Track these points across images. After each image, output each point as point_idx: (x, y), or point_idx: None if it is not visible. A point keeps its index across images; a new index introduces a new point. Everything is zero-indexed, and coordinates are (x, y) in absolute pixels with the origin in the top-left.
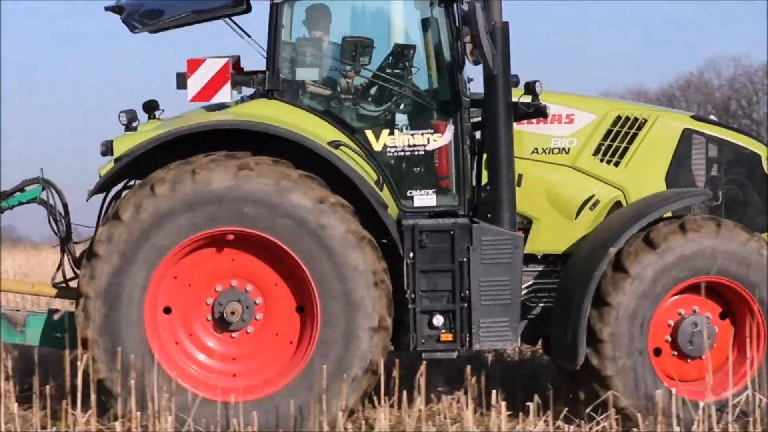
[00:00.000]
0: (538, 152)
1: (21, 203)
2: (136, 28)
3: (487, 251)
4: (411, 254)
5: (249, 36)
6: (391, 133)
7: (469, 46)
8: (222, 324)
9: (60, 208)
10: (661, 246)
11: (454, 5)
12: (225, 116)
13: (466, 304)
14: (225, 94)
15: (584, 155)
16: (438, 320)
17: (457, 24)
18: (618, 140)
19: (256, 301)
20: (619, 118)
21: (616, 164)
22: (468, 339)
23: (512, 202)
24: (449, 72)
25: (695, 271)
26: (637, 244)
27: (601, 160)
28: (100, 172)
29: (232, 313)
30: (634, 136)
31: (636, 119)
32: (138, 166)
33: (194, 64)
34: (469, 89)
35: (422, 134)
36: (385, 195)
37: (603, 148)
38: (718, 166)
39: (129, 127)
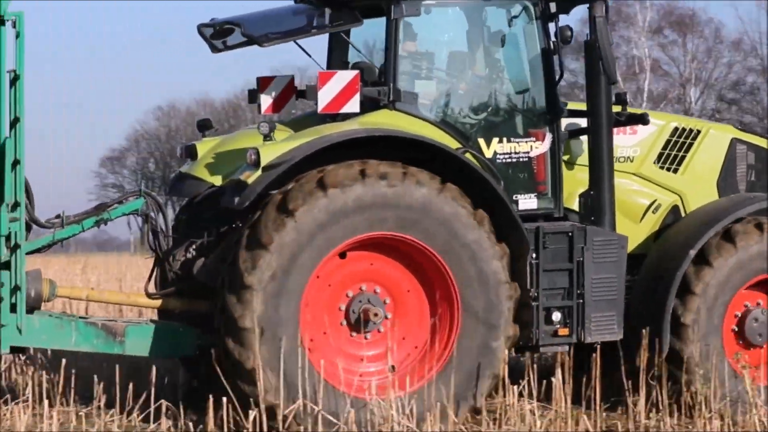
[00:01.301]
0: None
1: (124, 214)
2: (261, 42)
3: (599, 251)
4: (534, 255)
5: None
6: (500, 141)
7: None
8: (355, 325)
9: (161, 220)
10: (740, 243)
11: (552, 21)
12: (352, 125)
13: (581, 301)
14: (354, 104)
15: (647, 163)
16: (556, 316)
17: (555, 38)
18: (676, 149)
19: (386, 300)
20: (676, 128)
21: (675, 171)
22: (581, 333)
23: (613, 205)
24: (547, 84)
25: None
26: (717, 241)
27: (661, 168)
28: (246, 180)
29: (366, 315)
30: (690, 145)
31: (691, 130)
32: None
33: (326, 77)
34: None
35: (526, 142)
36: None
37: (663, 156)
38: (755, 172)
39: (268, 137)
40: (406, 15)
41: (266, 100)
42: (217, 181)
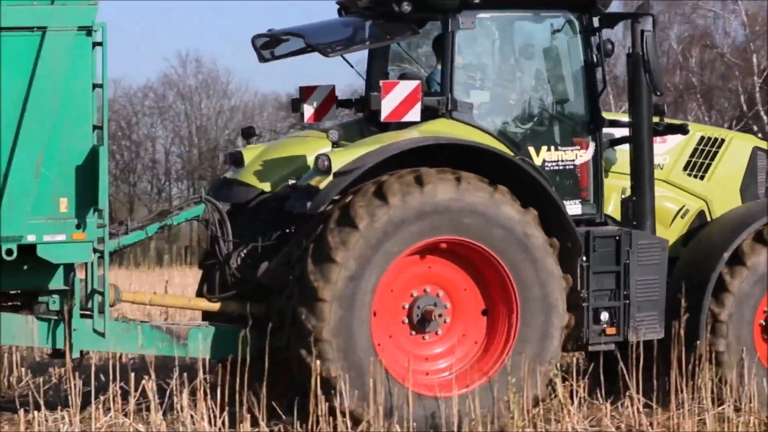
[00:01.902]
0: None
1: (186, 220)
2: (327, 52)
3: (643, 254)
4: (584, 258)
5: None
6: (548, 149)
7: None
8: (417, 326)
9: (224, 226)
10: None
11: (595, 34)
12: (412, 133)
13: (626, 301)
14: (415, 113)
15: (675, 170)
16: (604, 316)
17: (597, 52)
18: (702, 157)
19: (447, 305)
20: (702, 138)
21: (701, 178)
22: (627, 332)
23: (654, 211)
24: (590, 95)
25: None
26: (749, 242)
27: (689, 175)
28: (317, 185)
29: (429, 315)
30: (715, 153)
31: (716, 139)
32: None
33: (389, 86)
34: None
35: (571, 150)
36: None
37: (690, 164)
38: None
39: (338, 144)
40: (462, 28)
41: (309, 110)
42: (267, 187)
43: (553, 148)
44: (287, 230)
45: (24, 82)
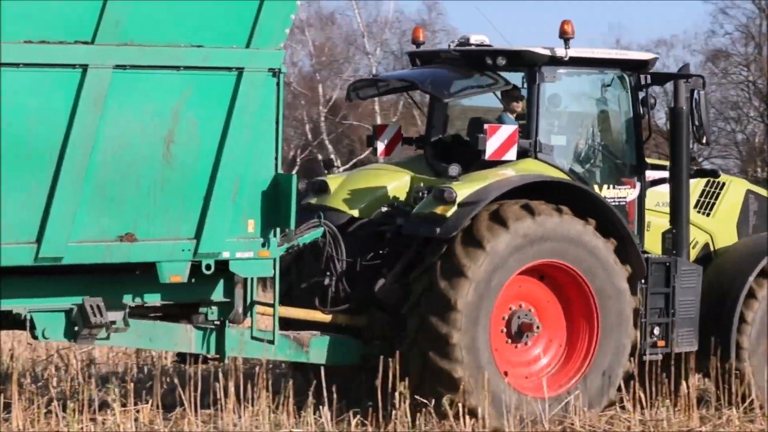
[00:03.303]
0: (659, 205)
1: (310, 241)
2: (444, 96)
3: (684, 278)
4: (643, 280)
5: (421, 110)
6: (608, 187)
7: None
8: (515, 336)
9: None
10: None
11: (643, 90)
12: (507, 170)
13: (673, 318)
14: (512, 153)
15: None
16: (656, 330)
17: (643, 105)
18: (708, 197)
19: (536, 318)
20: (708, 181)
21: (707, 215)
22: (672, 344)
23: (689, 241)
24: (637, 142)
25: None
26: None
27: (698, 212)
28: (444, 213)
29: (526, 327)
30: (718, 194)
31: (719, 182)
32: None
33: (493, 129)
34: None
35: (623, 188)
36: None
37: (699, 203)
38: (758, 217)
39: (455, 178)
40: (546, 81)
41: (381, 146)
42: (355, 213)
43: (610, 186)
44: (386, 250)
45: (222, 116)
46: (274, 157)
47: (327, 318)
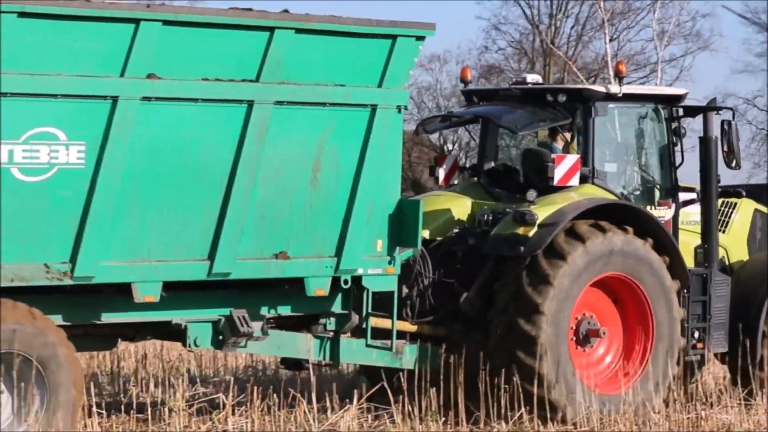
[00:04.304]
0: (684, 224)
1: (407, 259)
2: (517, 130)
3: (716, 288)
4: (686, 290)
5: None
6: (650, 208)
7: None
8: (582, 341)
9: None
10: None
11: (676, 121)
12: (571, 194)
13: (709, 323)
14: (576, 179)
15: None
16: (696, 334)
17: (675, 135)
18: (724, 216)
19: (599, 323)
20: (723, 202)
21: (723, 231)
22: (709, 347)
23: (718, 255)
24: (672, 167)
25: None
26: None
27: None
28: (525, 234)
29: (593, 333)
30: (731, 213)
31: (731, 203)
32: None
33: (560, 159)
34: None
35: (662, 209)
36: None
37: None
38: (762, 233)
39: (532, 202)
40: (599, 115)
41: (441, 173)
42: (426, 234)
43: (651, 207)
44: (459, 267)
45: (359, 148)
46: (398, 183)
47: (413, 328)
